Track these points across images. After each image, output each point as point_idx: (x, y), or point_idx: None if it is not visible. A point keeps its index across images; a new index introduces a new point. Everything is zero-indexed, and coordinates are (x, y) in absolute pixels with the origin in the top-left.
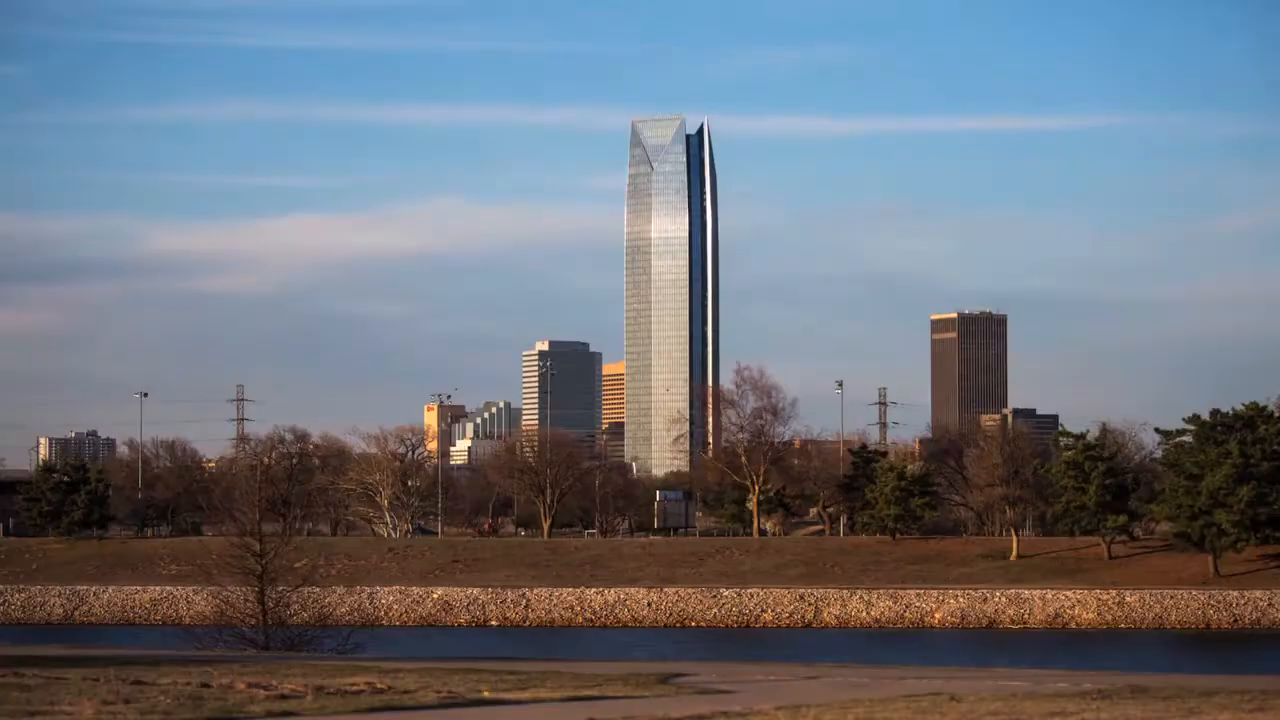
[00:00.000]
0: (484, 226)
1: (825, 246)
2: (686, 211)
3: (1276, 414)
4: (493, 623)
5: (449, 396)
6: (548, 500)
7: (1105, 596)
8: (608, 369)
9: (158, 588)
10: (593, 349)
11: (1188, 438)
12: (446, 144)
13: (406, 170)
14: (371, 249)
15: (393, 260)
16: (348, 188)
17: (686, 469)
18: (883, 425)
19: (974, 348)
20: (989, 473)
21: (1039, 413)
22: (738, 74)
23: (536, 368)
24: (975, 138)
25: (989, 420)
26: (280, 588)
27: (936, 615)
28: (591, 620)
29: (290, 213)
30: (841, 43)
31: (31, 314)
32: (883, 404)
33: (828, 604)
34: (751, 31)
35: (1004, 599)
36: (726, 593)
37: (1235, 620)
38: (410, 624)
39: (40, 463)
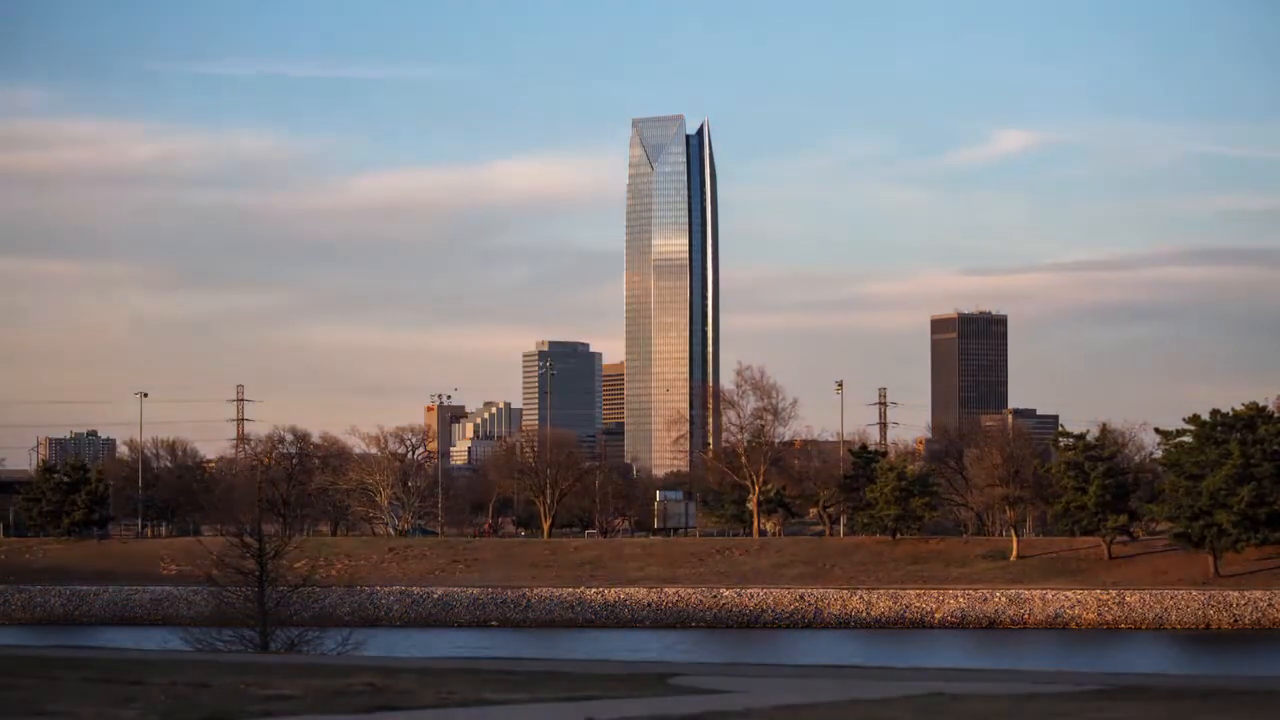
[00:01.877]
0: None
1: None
2: (686, 211)
3: (1276, 414)
4: (493, 623)
5: (449, 397)
6: (548, 500)
7: (1105, 596)
8: (608, 369)
9: (158, 588)
10: (593, 349)
11: (1188, 438)
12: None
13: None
14: None
15: None
16: None
17: (686, 469)
18: (883, 425)
19: (974, 348)
20: (989, 473)
21: (1039, 413)
22: (739, 73)
23: (536, 368)
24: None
25: (989, 420)
26: (280, 588)
27: (936, 615)
28: (591, 620)
29: None
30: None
31: None
32: (883, 404)
33: (828, 604)
34: (750, 30)
35: (1004, 599)
36: (726, 593)
37: (1235, 620)
38: (410, 624)
39: (40, 463)
